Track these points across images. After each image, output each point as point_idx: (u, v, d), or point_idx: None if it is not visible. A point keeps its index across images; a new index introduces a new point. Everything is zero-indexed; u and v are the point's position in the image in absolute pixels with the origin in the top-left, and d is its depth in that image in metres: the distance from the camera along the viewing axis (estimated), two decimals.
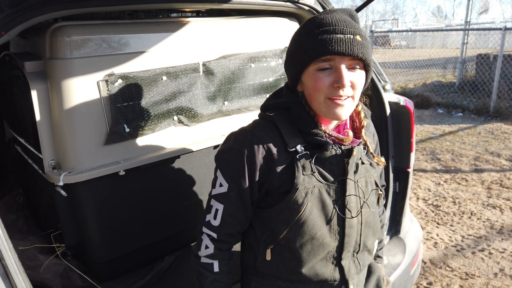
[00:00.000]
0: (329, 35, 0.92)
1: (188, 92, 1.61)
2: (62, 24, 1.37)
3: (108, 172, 1.45)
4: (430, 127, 6.49)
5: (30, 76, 1.39)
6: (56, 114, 1.40)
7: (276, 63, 1.89)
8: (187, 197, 1.75)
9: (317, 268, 1.06)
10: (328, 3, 1.93)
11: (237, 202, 1.03)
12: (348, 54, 0.92)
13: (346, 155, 1.05)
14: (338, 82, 0.94)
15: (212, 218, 1.05)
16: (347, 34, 0.92)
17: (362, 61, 0.96)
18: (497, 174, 4.47)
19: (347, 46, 0.92)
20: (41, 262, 1.63)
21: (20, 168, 2.05)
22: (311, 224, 1.01)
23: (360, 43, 0.93)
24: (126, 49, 1.46)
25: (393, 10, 40.92)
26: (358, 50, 0.93)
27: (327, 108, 0.97)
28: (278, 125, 1.03)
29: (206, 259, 1.08)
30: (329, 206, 1.03)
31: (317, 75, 0.95)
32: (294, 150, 1.01)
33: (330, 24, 0.94)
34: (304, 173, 1.00)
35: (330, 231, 1.04)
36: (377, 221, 1.16)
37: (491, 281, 2.65)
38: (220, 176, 1.04)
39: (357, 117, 1.12)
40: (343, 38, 0.92)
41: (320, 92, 0.96)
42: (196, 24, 1.65)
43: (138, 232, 1.64)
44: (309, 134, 1.02)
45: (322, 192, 1.02)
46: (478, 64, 8.38)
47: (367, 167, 1.11)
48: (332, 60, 0.94)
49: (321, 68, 0.95)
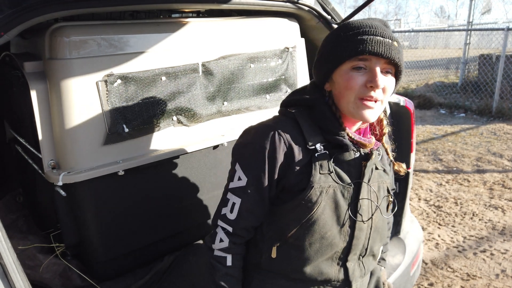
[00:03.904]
0: (369, 36, 0.94)
1: (187, 92, 1.62)
2: (61, 25, 1.38)
3: (107, 172, 1.45)
4: (432, 128, 6.48)
5: (29, 76, 1.39)
6: (55, 114, 1.40)
7: (275, 63, 1.88)
8: (186, 197, 1.75)
9: (322, 267, 1.06)
10: (328, 4, 1.93)
11: (255, 196, 1.02)
12: (386, 57, 0.94)
13: (363, 158, 1.06)
14: (372, 82, 0.94)
15: (229, 211, 1.04)
16: (386, 38, 0.95)
17: (395, 67, 0.98)
18: (499, 174, 4.45)
19: (386, 49, 0.94)
20: (41, 261, 1.63)
21: (20, 168, 2.06)
22: (322, 223, 1.01)
23: (396, 48, 0.96)
24: (125, 50, 1.46)
25: (396, 11, 40.85)
26: (395, 55, 0.95)
27: (356, 109, 0.98)
28: (299, 122, 1.03)
29: (219, 252, 1.07)
30: (342, 207, 1.03)
31: (351, 74, 0.96)
32: (314, 148, 1.01)
33: (371, 27, 0.96)
34: (321, 172, 1.00)
35: (340, 232, 1.04)
36: (385, 227, 1.17)
37: (493, 282, 2.64)
38: (239, 169, 1.03)
39: (378, 124, 1.13)
40: (382, 41, 0.94)
41: (352, 91, 0.97)
42: (195, 25, 1.65)
43: (137, 232, 1.65)
44: (331, 134, 1.02)
45: (336, 193, 1.02)
46: (481, 64, 8.35)
47: (381, 173, 1.11)
48: (368, 60, 0.95)
49: (356, 67, 0.96)
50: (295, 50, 1.95)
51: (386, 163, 1.18)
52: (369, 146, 1.05)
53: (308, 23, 1.99)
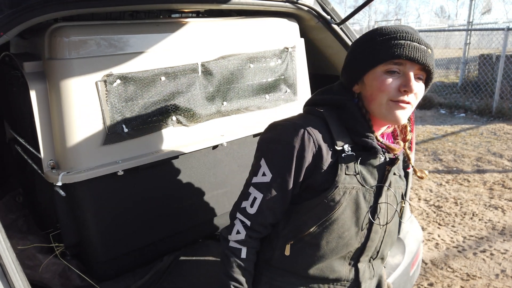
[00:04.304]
0: (406, 41, 0.96)
1: (186, 92, 1.62)
2: (61, 25, 1.38)
3: (107, 172, 1.45)
4: (432, 128, 6.48)
5: (29, 77, 1.39)
6: (54, 114, 1.40)
7: (275, 63, 1.89)
8: (186, 197, 1.75)
9: (334, 265, 1.07)
10: (327, 4, 1.93)
11: (278, 194, 1.02)
12: (422, 63, 0.95)
13: (388, 163, 1.07)
14: (406, 87, 0.96)
15: (249, 205, 1.04)
16: (422, 44, 0.96)
17: (427, 73, 0.99)
18: (499, 175, 4.45)
19: (422, 55, 0.95)
20: (40, 261, 1.63)
21: (20, 168, 2.06)
22: (342, 223, 1.02)
23: (431, 56, 0.97)
24: (125, 50, 1.47)
25: (396, 11, 40.83)
26: (430, 62, 0.97)
27: (389, 110, 0.98)
28: (328, 122, 1.02)
29: (235, 243, 1.06)
30: (363, 209, 1.04)
31: (384, 77, 0.97)
32: (341, 149, 1.01)
33: (407, 33, 0.97)
34: (347, 172, 1.01)
35: (357, 234, 1.05)
36: (396, 232, 1.19)
37: (493, 282, 2.64)
38: (264, 165, 1.02)
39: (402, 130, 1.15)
40: (418, 47, 0.95)
41: (385, 93, 0.97)
42: (194, 25, 1.65)
43: (137, 232, 1.65)
44: (360, 135, 1.02)
45: (359, 195, 1.02)
46: (481, 64, 8.35)
47: (397, 179, 1.13)
48: (403, 65, 0.96)
49: (390, 70, 0.97)
50: (294, 50, 1.95)
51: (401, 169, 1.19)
52: (397, 150, 1.07)
53: (307, 23, 1.99)
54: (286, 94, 1.95)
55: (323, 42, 2.07)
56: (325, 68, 2.23)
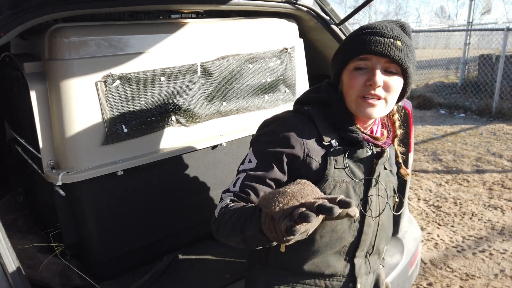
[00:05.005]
0: (370, 36, 0.98)
1: (186, 92, 1.62)
2: (61, 25, 1.38)
3: (106, 172, 1.46)
4: (432, 128, 6.48)
5: (29, 77, 1.40)
6: (54, 114, 1.41)
7: (274, 64, 1.89)
8: (185, 197, 1.75)
9: (329, 260, 1.09)
10: (326, 4, 1.94)
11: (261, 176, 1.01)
12: (383, 55, 0.96)
13: (375, 157, 1.09)
14: (370, 80, 0.98)
15: (232, 185, 1.03)
16: (387, 37, 0.97)
17: (399, 66, 0.99)
18: (498, 175, 4.45)
19: (384, 47, 0.96)
20: (40, 261, 1.64)
21: (20, 168, 2.07)
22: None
23: (399, 47, 0.97)
24: (125, 50, 1.47)
25: (396, 11, 40.80)
26: (395, 53, 0.96)
27: (358, 106, 1.01)
28: (315, 119, 1.05)
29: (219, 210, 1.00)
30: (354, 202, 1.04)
31: (353, 73, 1.01)
32: (329, 144, 1.04)
33: (374, 28, 1.00)
34: (336, 166, 1.03)
35: (350, 227, 1.07)
36: (391, 226, 1.22)
37: (492, 282, 2.64)
38: (251, 153, 1.05)
39: (392, 125, 1.17)
40: (382, 40, 0.96)
41: (354, 89, 1.00)
42: (194, 25, 1.65)
43: (136, 231, 1.65)
44: (345, 131, 1.05)
45: (349, 188, 1.05)
46: (481, 64, 8.35)
47: (388, 173, 1.16)
48: (369, 60, 0.98)
49: (358, 67, 1.00)
50: (293, 50, 1.95)
51: (393, 164, 1.21)
52: (381, 139, 1.09)
53: (306, 24, 1.99)
54: (285, 94, 1.95)
55: (322, 42, 2.07)
56: (324, 69, 2.24)
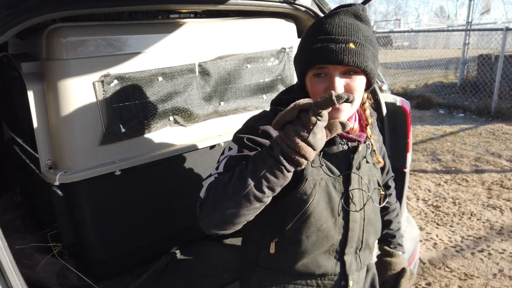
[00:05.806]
0: (322, 44, 0.95)
1: (184, 92, 1.62)
2: (58, 25, 1.38)
3: (104, 172, 1.46)
4: (431, 128, 6.48)
5: (27, 77, 1.40)
6: (52, 114, 1.41)
7: (272, 63, 1.89)
8: (183, 197, 1.75)
9: (319, 259, 1.09)
10: (325, 4, 1.94)
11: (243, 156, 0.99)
12: (338, 64, 0.94)
13: (351, 151, 1.09)
14: (331, 88, 0.97)
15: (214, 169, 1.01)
16: (339, 43, 0.95)
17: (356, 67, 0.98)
18: (497, 175, 4.45)
19: (337, 56, 0.94)
20: (38, 261, 1.64)
21: (18, 168, 2.06)
22: (318, 215, 1.04)
23: (352, 51, 0.95)
24: (122, 50, 1.47)
25: (396, 11, 40.84)
26: (350, 59, 0.94)
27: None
28: None
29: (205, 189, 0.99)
30: (335, 199, 1.06)
31: (313, 81, 1.00)
32: None
33: (325, 32, 0.96)
34: (313, 165, 1.03)
35: (335, 224, 1.07)
36: (378, 220, 1.21)
37: (490, 281, 2.64)
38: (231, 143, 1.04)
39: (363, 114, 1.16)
40: (333, 48, 0.94)
41: (316, 96, 0.99)
42: (192, 25, 1.65)
43: (134, 231, 1.65)
44: None
45: (329, 185, 1.05)
46: (480, 64, 8.35)
47: (371, 166, 1.16)
48: (326, 67, 0.97)
49: (316, 74, 0.99)
50: (292, 50, 1.95)
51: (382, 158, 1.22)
52: (353, 132, 1.08)
53: (305, 24, 2.00)
54: None
55: None
56: None
